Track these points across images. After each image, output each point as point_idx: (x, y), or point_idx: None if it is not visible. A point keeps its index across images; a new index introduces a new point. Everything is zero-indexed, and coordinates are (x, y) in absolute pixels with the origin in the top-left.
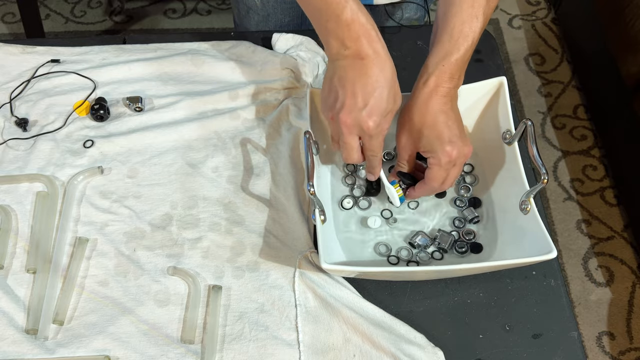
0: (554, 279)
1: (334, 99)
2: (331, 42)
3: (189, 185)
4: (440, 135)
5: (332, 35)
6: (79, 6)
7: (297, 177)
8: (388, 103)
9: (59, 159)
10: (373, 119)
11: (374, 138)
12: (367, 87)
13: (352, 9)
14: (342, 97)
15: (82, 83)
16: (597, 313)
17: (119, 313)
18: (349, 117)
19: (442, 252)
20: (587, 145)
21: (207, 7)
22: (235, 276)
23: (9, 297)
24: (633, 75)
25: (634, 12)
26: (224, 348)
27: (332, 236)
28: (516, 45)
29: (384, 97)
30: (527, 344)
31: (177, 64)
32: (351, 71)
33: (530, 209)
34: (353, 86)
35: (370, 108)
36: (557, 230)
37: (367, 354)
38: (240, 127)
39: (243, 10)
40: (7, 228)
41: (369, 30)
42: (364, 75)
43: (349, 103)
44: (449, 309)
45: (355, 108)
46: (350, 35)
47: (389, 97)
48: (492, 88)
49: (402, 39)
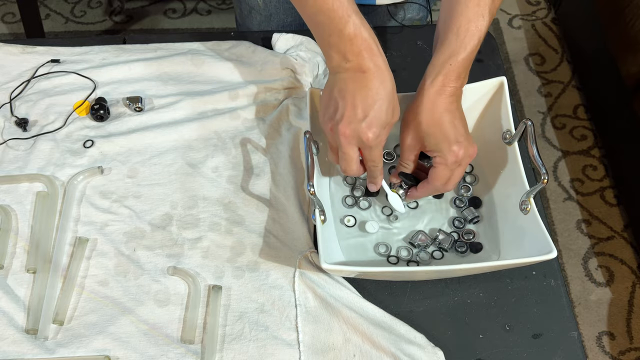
0: (554, 279)
1: (333, 110)
2: (333, 55)
3: (189, 185)
4: (447, 135)
5: (334, 49)
6: (79, 6)
7: (297, 177)
8: (387, 115)
9: (59, 159)
10: (373, 130)
11: (374, 149)
12: (367, 99)
13: (354, 24)
14: (342, 109)
15: (82, 83)
16: (597, 313)
17: (119, 313)
18: (348, 128)
19: (442, 252)
20: (587, 145)
21: (207, 7)
22: (235, 276)
23: (9, 297)
24: (633, 75)
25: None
26: (224, 348)
27: (332, 236)
28: (516, 45)
29: (384, 109)
30: (527, 344)
31: (177, 64)
32: (352, 83)
33: (530, 209)
34: (353, 98)
35: (370, 120)
36: (557, 230)
37: (367, 354)
38: (240, 127)
39: (245, 10)
40: (7, 228)
41: (370, 45)
42: (365, 88)
43: (349, 114)
44: (449, 309)
45: (355, 119)
46: (352, 50)
47: (388, 109)
48: (492, 88)
49: (402, 39)
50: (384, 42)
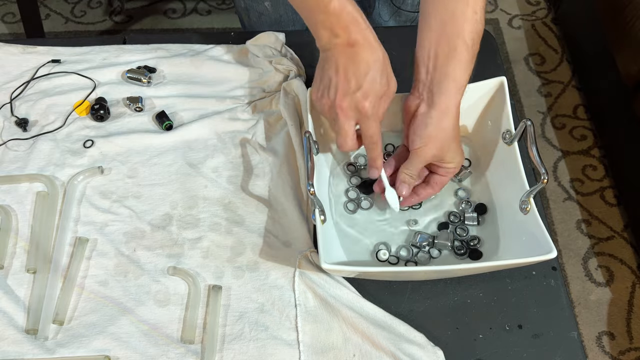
0: (554, 279)
1: (327, 87)
2: (321, 32)
3: (189, 185)
4: (460, 144)
5: (322, 26)
6: (79, 6)
7: (296, 177)
8: (382, 85)
9: (59, 159)
10: (369, 99)
11: (371, 120)
12: (359, 70)
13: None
14: (336, 84)
15: (82, 83)
16: (597, 313)
17: (119, 313)
18: (344, 100)
19: (441, 252)
20: (587, 145)
21: (207, 7)
22: (235, 276)
23: (9, 297)
24: (633, 75)
25: (634, 12)
26: (224, 348)
27: (332, 236)
28: (516, 45)
29: (377, 79)
30: (527, 344)
31: (177, 65)
32: (342, 58)
33: (530, 209)
34: (346, 71)
35: (365, 90)
36: (557, 230)
37: (367, 354)
38: (240, 127)
39: (254, 17)
40: (7, 228)
41: (357, 18)
42: (355, 60)
43: (343, 87)
44: (449, 309)
45: (349, 91)
46: (339, 24)
47: (382, 79)
48: (492, 88)
49: (402, 39)
50: (384, 42)
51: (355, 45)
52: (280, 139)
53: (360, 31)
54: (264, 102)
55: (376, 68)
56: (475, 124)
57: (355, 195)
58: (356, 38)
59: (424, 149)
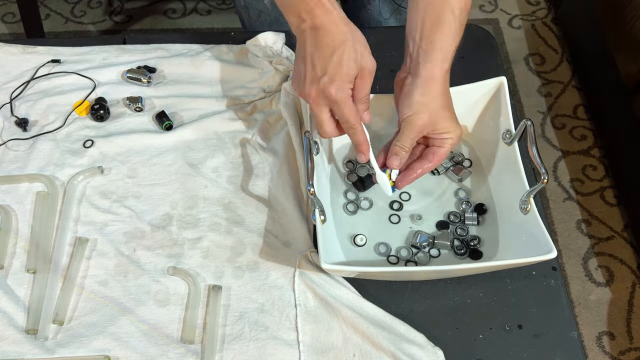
0: (554, 279)
1: (299, 75)
2: (291, 18)
3: (189, 185)
4: (454, 114)
5: (290, 11)
6: (79, 6)
7: (296, 177)
8: (349, 68)
9: (59, 159)
10: (335, 84)
11: (342, 105)
12: (323, 55)
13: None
14: (303, 71)
15: (82, 83)
16: (597, 313)
17: (119, 313)
18: (312, 88)
19: (441, 252)
20: (587, 145)
21: (207, 7)
22: (235, 276)
23: (9, 297)
24: (633, 75)
25: (634, 12)
26: (224, 348)
27: (332, 236)
28: (516, 45)
29: (343, 63)
30: (527, 344)
31: (177, 65)
32: (309, 44)
33: (530, 209)
34: (312, 58)
35: (331, 75)
36: (557, 230)
37: (367, 354)
38: (240, 127)
39: (254, 15)
40: (7, 228)
41: (322, 0)
42: (319, 45)
43: (310, 75)
44: (449, 309)
45: (315, 78)
46: (304, 8)
47: (349, 62)
48: (492, 88)
49: (402, 39)
50: (384, 43)
51: (320, 28)
52: (280, 139)
53: (326, 13)
54: (264, 102)
55: (341, 51)
56: (475, 124)
57: (354, 196)
58: (321, 21)
59: (412, 116)
